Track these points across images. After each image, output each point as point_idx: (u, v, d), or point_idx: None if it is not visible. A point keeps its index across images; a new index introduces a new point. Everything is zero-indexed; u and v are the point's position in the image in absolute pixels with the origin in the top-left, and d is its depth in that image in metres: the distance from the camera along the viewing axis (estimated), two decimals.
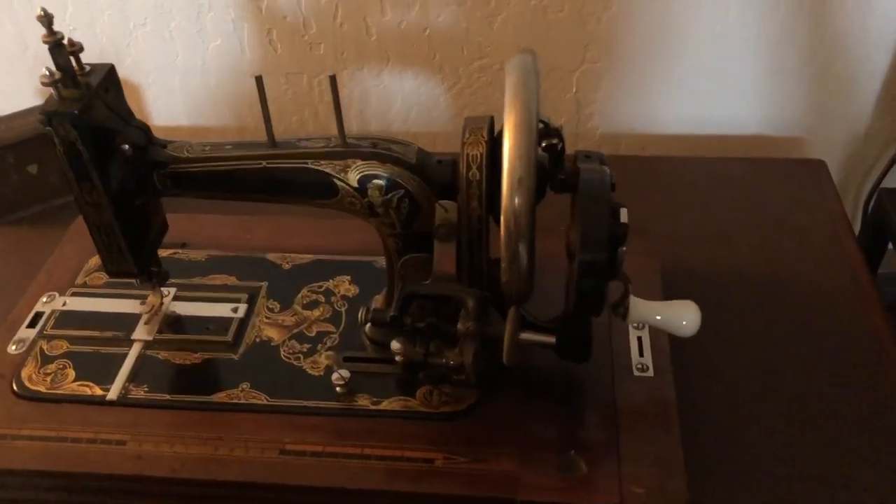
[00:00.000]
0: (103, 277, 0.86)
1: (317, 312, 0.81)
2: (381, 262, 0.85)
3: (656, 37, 1.05)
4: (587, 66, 1.09)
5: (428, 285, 0.65)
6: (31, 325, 0.81)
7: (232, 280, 0.85)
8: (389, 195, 0.65)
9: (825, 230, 0.95)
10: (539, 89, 0.59)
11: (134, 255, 0.71)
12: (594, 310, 0.61)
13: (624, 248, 0.59)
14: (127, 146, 0.65)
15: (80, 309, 0.82)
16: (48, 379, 0.76)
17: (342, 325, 0.79)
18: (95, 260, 0.87)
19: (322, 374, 0.75)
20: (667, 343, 0.76)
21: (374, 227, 0.69)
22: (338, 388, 0.72)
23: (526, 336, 0.63)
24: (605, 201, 0.58)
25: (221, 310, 0.81)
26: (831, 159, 1.08)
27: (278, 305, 0.82)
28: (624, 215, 0.59)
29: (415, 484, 0.66)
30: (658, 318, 0.68)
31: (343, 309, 0.81)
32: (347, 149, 0.65)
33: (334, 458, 0.69)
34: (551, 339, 0.64)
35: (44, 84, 0.62)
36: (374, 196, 0.65)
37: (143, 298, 0.82)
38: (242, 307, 0.81)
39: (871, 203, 1.13)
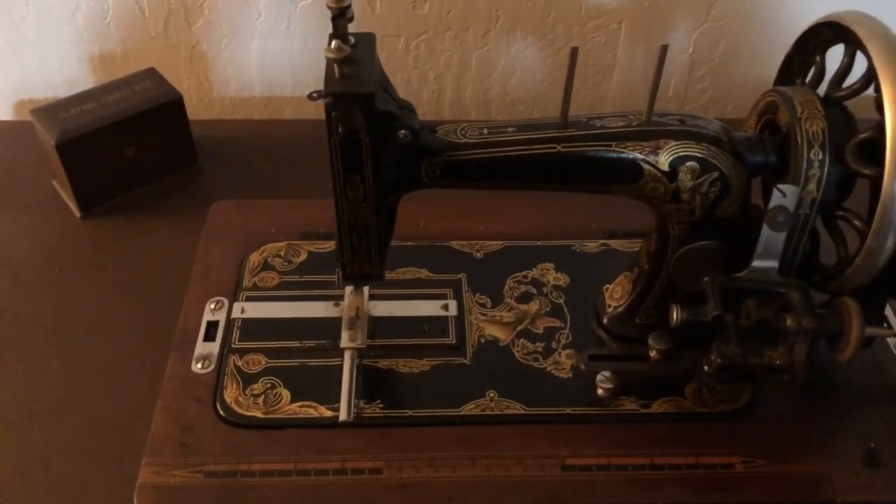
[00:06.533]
0: (275, 278, 0.75)
1: (534, 306, 0.73)
2: (581, 245, 0.79)
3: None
4: (709, 24, 1.03)
5: (745, 278, 0.59)
6: (207, 337, 0.70)
7: (424, 273, 0.76)
8: (702, 178, 0.58)
9: None
10: None
11: (381, 258, 0.61)
12: None
13: None
14: (404, 132, 0.55)
15: (264, 316, 0.71)
16: (260, 401, 0.65)
17: (568, 319, 0.72)
18: (257, 258, 0.77)
19: (570, 375, 0.68)
20: None
21: (666, 213, 0.61)
22: (600, 391, 0.65)
23: (871, 330, 0.58)
24: None
25: (430, 308, 0.72)
26: None
27: (489, 300, 0.73)
28: None
29: (726, 493, 0.61)
30: None
31: (561, 301, 0.74)
32: (655, 127, 0.58)
33: (623, 470, 0.62)
34: (892, 332, 0.59)
35: (331, 59, 0.52)
36: (683, 180, 0.58)
37: (333, 300, 0.72)
38: (452, 304, 0.72)
39: None
